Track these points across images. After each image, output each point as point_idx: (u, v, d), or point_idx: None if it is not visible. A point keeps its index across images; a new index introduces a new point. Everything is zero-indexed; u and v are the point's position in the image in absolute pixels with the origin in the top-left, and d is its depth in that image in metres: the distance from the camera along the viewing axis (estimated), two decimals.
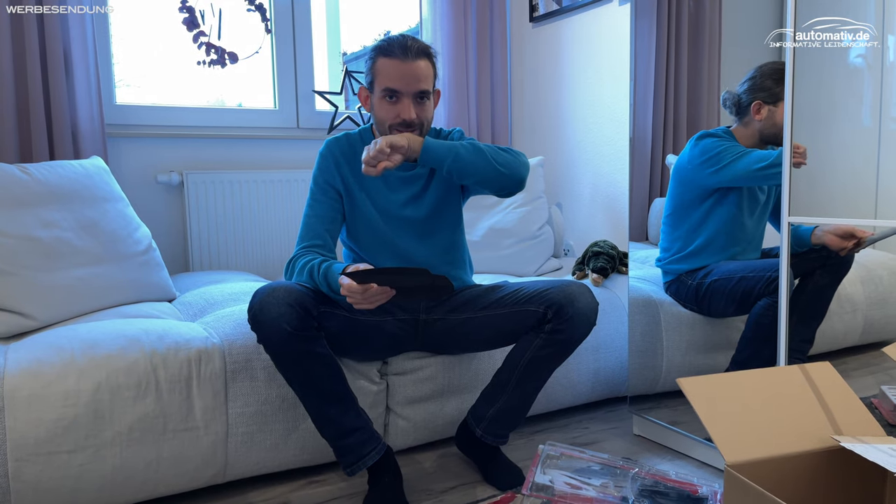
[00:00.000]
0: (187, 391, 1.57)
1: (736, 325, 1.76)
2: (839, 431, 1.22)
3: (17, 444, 1.40)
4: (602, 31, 2.80)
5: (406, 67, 1.58)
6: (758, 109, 1.66)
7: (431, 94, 1.66)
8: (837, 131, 1.55)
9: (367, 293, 1.39)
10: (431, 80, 1.64)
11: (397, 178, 1.73)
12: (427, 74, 1.62)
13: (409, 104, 1.60)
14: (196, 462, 1.59)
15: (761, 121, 1.66)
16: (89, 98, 2.33)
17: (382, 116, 1.64)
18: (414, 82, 1.59)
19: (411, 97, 1.60)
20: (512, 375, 1.64)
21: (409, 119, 1.60)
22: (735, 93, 1.71)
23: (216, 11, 2.66)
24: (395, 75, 1.59)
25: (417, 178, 1.74)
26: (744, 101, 1.69)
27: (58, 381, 1.46)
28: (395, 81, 1.59)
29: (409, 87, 1.59)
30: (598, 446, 1.94)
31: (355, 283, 1.37)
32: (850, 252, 1.58)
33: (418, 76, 1.59)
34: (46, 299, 1.76)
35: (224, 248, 2.63)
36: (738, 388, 1.25)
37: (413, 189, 1.74)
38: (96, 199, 1.98)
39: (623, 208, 2.75)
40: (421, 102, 1.62)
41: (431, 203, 1.75)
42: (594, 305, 1.60)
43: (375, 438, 1.60)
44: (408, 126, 1.61)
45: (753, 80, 1.67)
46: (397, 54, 1.58)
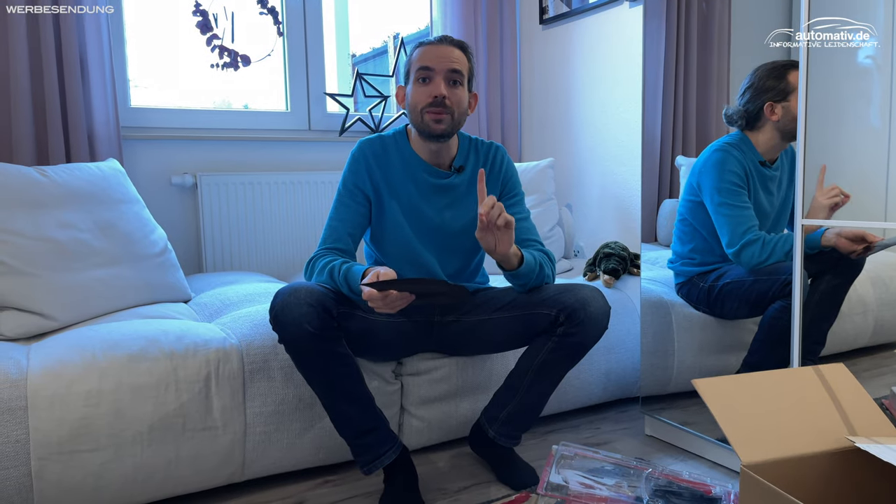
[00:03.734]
0: (206, 391, 1.59)
1: (747, 327, 1.77)
2: (853, 432, 1.23)
3: (41, 443, 1.43)
4: (612, 33, 2.81)
5: (440, 49, 1.64)
6: (771, 110, 1.65)
7: (465, 83, 1.68)
8: (847, 132, 1.55)
9: (387, 299, 1.40)
10: (466, 69, 1.67)
11: (430, 186, 1.73)
12: (461, 60, 1.66)
13: (441, 82, 1.62)
14: (214, 461, 1.61)
15: (778, 120, 1.65)
16: (105, 101, 2.36)
17: (416, 100, 1.65)
18: (447, 61, 1.63)
19: (444, 76, 1.63)
20: (524, 378, 1.66)
21: (440, 95, 1.61)
22: (737, 107, 1.71)
23: (229, 15, 2.69)
24: (429, 55, 1.64)
25: (451, 187, 1.75)
26: (752, 109, 1.68)
27: (80, 380, 1.48)
28: (428, 60, 1.63)
29: (441, 64, 1.62)
30: (610, 446, 1.96)
31: (375, 291, 1.39)
32: (860, 256, 1.58)
33: (452, 58, 1.64)
34: (65, 300, 1.78)
35: (237, 249, 2.65)
36: (753, 389, 1.26)
37: (446, 199, 1.74)
38: (113, 201, 2.00)
39: (633, 209, 2.77)
40: (454, 85, 1.65)
41: (464, 217, 1.76)
42: (606, 309, 1.61)
43: (392, 438, 1.61)
44: (439, 105, 1.62)
45: (754, 85, 1.66)
46: (433, 41, 1.66)
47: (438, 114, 1.62)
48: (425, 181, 1.73)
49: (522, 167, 2.76)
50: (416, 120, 1.67)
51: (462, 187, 1.76)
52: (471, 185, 1.76)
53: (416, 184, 1.72)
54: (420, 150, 1.73)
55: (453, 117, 1.65)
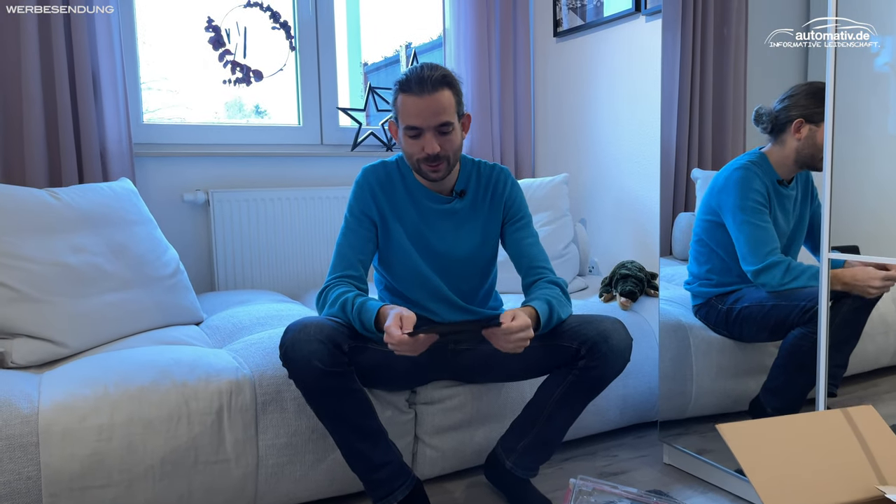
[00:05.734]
0: (218, 423, 1.57)
1: (768, 350, 1.74)
2: (883, 480, 1.19)
3: (52, 479, 1.41)
4: (627, 47, 2.77)
5: (424, 103, 1.56)
6: (798, 128, 1.61)
7: (455, 124, 1.63)
8: (866, 144, 1.51)
9: (416, 343, 1.39)
10: (453, 110, 1.61)
11: (434, 212, 1.72)
12: (447, 105, 1.58)
13: (431, 139, 1.58)
14: (227, 494, 1.59)
15: (800, 140, 1.61)
16: (117, 118, 2.34)
17: (409, 151, 1.63)
18: (432, 117, 1.57)
19: (433, 131, 1.59)
20: (543, 409, 1.63)
21: (432, 153, 1.59)
22: (771, 109, 1.66)
23: (241, 30, 2.67)
24: (413, 112, 1.57)
25: (453, 212, 1.73)
26: (782, 118, 1.64)
27: (92, 414, 1.46)
28: (414, 118, 1.57)
29: (428, 122, 1.57)
30: (627, 476, 1.92)
31: (406, 337, 1.37)
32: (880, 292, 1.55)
33: (437, 110, 1.57)
34: (77, 326, 1.77)
35: (249, 266, 2.64)
36: (779, 434, 1.23)
37: (449, 223, 1.72)
38: (125, 223, 1.99)
39: (648, 224, 2.73)
40: (444, 134, 1.60)
41: (469, 242, 1.74)
42: (628, 342, 1.58)
43: (405, 472, 1.59)
44: (433, 160, 1.60)
45: (793, 98, 1.62)
46: (415, 90, 1.56)
47: (435, 166, 1.61)
48: (428, 207, 1.71)
49: (536, 183, 2.72)
50: (413, 167, 1.66)
51: (464, 212, 1.74)
52: (473, 209, 1.74)
53: (419, 210, 1.71)
54: (421, 178, 1.71)
55: (449, 162, 1.63)
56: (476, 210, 1.74)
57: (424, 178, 1.66)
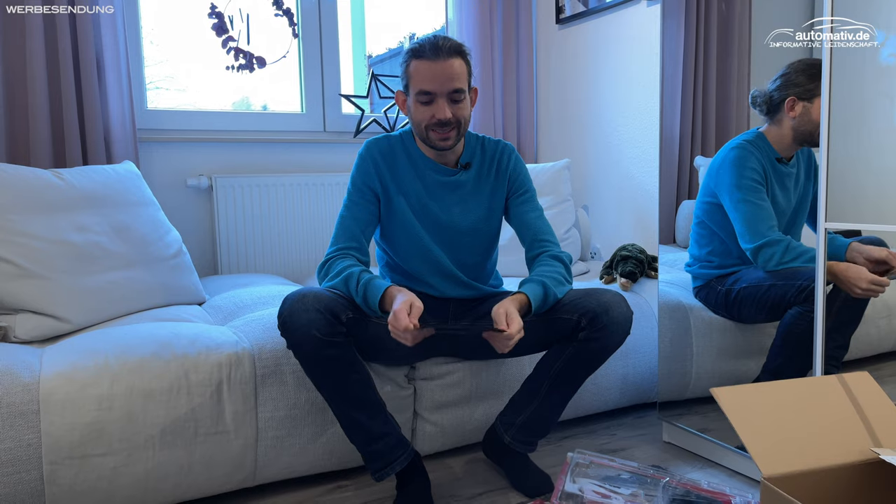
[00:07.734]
0: (218, 395, 1.58)
1: (767, 332, 1.73)
2: (878, 443, 1.19)
3: (52, 447, 1.43)
4: (629, 33, 2.77)
5: (438, 67, 1.57)
6: (792, 106, 1.62)
7: (467, 93, 1.64)
8: (869, 132, 1.51)
9: (416, 334, 1.42)
10: (465, 79, 1.63)
11: (439, 184, 1.72)
12: (460, 73, 1.60)
13: (444, 104, 1.59)
14: (226, 466, 1.60)
15: (795, 118, 1.62)
16: (121, 103, 2.36)
17: (419, 118, 1.63)
18: (447, 82, 1.58)
19: (446, 97, 1.59)
20: (543, 383, 1.63)
21: (444, 118, 1.59)
22: (765, 90, 1.67)
23: (244, 17, 2.68)
24: (427, 76, 1.58)
25: (458, 184, 1.73)
26: (776, 98, 1.64)
27: (92, 384, 1.48)
28: (428, 83, 1.58)
29: (442, 87, 1.58)
30: (627, 453, 1.92)
31: (412, 326, 1.39)
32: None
33: (451, 75, 1.58)
34: (80, 303, 1.79)
35: (252, 250, 2.65)
36: (774, 399, 1.23)
37: (454, 196, 1.73)
38: (128, 204, 2.00)
39: (650, 210, 2.72)
40: (456, 102, 1.61)
41: (473, 214, 1.74)
42: (629, 315, 1.58)
43: (403, 444, 1.60)
44: (444, 126, 1.61)
45: (786, 76, 1.62)
46: (429, 55, 1.58)
47: (444, 133, 1.62)
48: (433, 179, 1.71)
49: (538, 168, 2.73)
50: (421, 135, 1.66)
51: (469, 184, 1.74)
52: (478, 182, 1.75)
53: (424, 182, 1.71)
54: (426, 150, 1.72)
55: (459, 131, 1.64)
56: (481, 183, 1.75)
57: (432, 146, 1.66)
